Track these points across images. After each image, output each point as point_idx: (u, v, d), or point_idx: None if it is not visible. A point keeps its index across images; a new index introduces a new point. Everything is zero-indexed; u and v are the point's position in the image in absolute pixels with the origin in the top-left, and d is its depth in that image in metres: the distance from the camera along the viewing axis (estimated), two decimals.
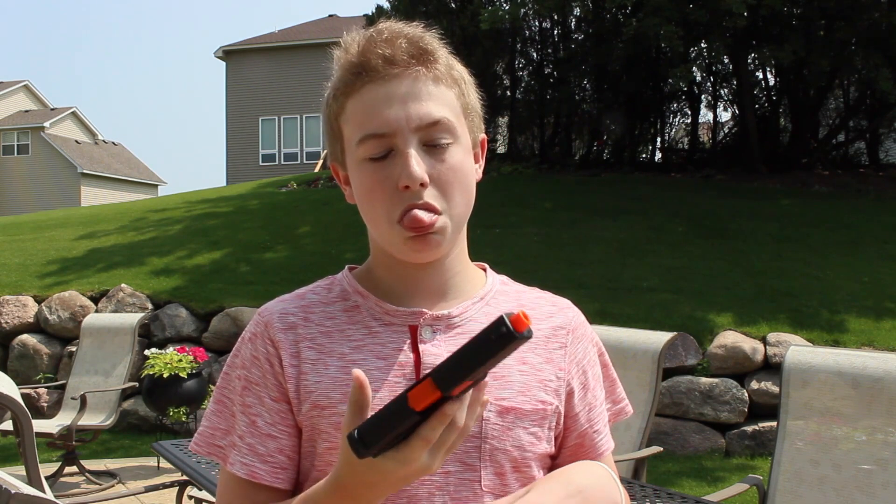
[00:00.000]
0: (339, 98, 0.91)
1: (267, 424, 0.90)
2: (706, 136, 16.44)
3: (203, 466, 2.60)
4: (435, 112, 0.87)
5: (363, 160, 0.88)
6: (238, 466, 0.89)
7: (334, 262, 7.64)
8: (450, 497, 0.87)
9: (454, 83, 0.91)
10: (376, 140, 0.87)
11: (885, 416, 2.48)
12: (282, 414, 0.90)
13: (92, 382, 5.36)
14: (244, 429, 0.90)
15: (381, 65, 0.87)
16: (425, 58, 0.89)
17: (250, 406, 0.90)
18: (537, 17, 14.13)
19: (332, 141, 0.94)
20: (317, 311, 0.93)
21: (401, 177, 0.85)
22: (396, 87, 0.87)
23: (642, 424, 3.34)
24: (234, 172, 25.79)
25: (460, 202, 0.89)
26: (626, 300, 6.69)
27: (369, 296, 0.93)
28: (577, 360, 0.97)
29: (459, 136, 0.90)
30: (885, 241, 8.24)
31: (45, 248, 9.50)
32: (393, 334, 0.91)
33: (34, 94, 37.35)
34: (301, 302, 0.94)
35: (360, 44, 0.89)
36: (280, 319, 0.92)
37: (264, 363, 0.91)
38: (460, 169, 0.89)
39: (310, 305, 0.94)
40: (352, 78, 0.89)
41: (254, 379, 0.91)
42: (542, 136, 15.48)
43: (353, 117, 0.89)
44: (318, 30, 27.04)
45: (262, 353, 0.91)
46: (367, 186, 0.88)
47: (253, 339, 0.93)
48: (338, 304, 0.94)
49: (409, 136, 0.86)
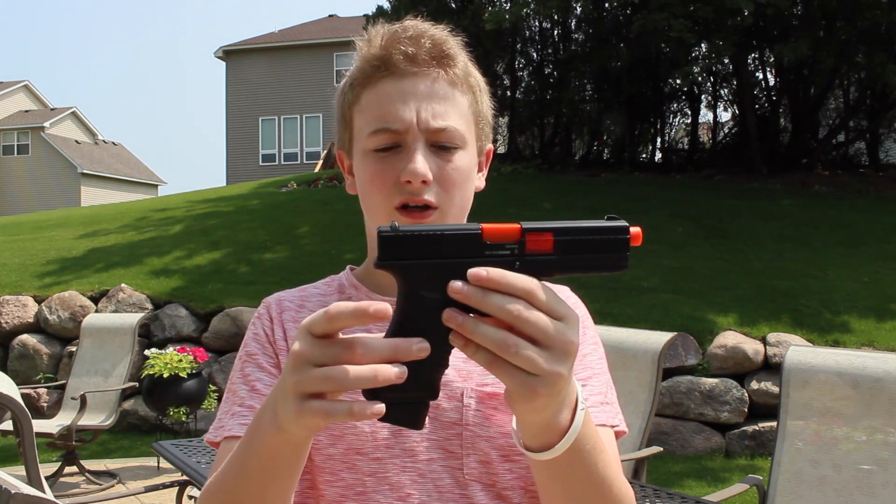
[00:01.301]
0: (356, 88, 0.92)
1: (266, 387, 0.90)
2: (706, 137, 16.44)
3: (203, 466, 2.60)
4: (446, 117, 0.88)
5: (370, 151, 0.90)
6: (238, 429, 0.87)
7: (334, 262, 7.64)
8: (433, 485, 0.87)
9: (469, 90, 0.93)
10: (387, 134, 0.88)
11: (885, 416, 2.48)
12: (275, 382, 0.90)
13: (92, 382, 5.36)
14: (244, 394, 0.91)
15: (402, 61, 0.88)
16: (446, 61, 0.90)
17: (249, 374, 0.92)
18: (538, 17, 14.13)
19: (343, 129, 0.96)
20: (312, 301, 0.97)
21: (404, 171, 0.86)
22: (413, 86, 0.88)
23: (642, 424, 3.34)
24: (234, 172, 25.79)
25: (457, 202, 0.90)
26: (626, 300, 6.69)
27: (361, 287, 0.97)
28: None
29: (467, 142, 0.91)
30: (885, 241, 8.24)
31: (45, 248, 9.50)
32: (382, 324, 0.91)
33: (34, 94, 37.35)
34: (300, 293, 0.99)
35: (384, 38, 0.90)
36: (278, 304, 0.97)
37: (262, 336, 0.95)
38: (462, 172, 0.90)
39: (307, 296, 0.98)
40: (371, 70, 0.90)
41: (252, 351, 0.94)
42: (542, 136, 15.49)
43: (367, 108, 0.90)
44: (318, 30, 27.04)
45: (261, 328, 0.95)
46: (369, 175, 0.90)
47: (253, 322, 0.97)
48: (333, 296, 0.98)
49: (418, 135, 0.87)
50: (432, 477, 0.87)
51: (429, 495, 0.87)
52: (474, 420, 0.88)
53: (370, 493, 0.87)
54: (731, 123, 15.69)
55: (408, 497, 0.87)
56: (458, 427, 0.87)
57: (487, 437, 0.88)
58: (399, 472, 0.87)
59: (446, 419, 0.88)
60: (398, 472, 0.87)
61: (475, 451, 0.87)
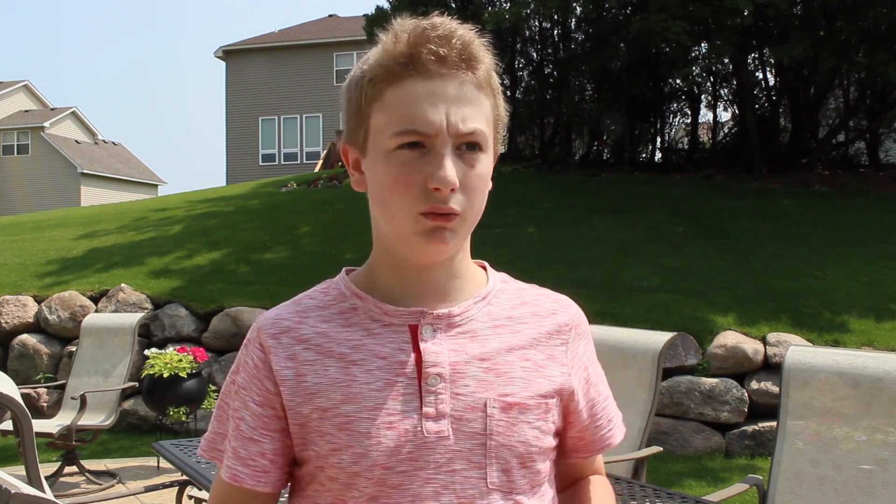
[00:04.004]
0: (378, 84, 0.88)
1: (249, 428, 0.91)
2: (706, 136, 16.43)
3: (203, 466, 2.60)
4: (475, 121, 0.87)
5: (393, 151, 0.87)
6: (224, 470, 0.92)
7: (334, 262, 7.63)
8: (455, 496, 0.87)
9: (492, 93, 0.91)
10: (414, 135, 0.86)
11: (885, 416, 2.48)
12: (264, 419, 0.91)
13: (92, 382, 5.36)
14: (231, 432, 0.93)
15: (433, 61, 0.86)
16: (474, 63, 0.88)
17: (237, 410, 0.92)
18: (538, 17, 14.13)
19: (357, 124, 0.91)
20: (312, 315, 0.93)
21: (432, 177, 0.84)
22: (442, 88, 0.86)
23: (642, 424, 3.34)
24: (234, 172, 25.80)
25: (476, 208, 0.90)
26: (626, 300, 6.69)
27: (367, 297, 0.92)
28: (578, 355, 0.98)
29: (489, 146, 0.90)
30: (885, 241, 8.24)
31: (45, 248, 9.49)
32: (393, 334, 0.91)
33: (34, 94, 37.34)
34: (296, 307, 0.94)
35: (412, 34, 0.87)
36: (273, 325, 0.92)
37: (251, 368, 0.92)
38: (483, 179, 0.89)
39: (305, 310, 0.94)
40: (398, 68, 0.87)
41: (241, 382, 0.93)
42: (542, 136, 15.49)
43: (391, 107, 0.87)
44: (318, 30, 27.05)
45: (251, 358, 0.92)
46: (392, 177, 0.87)
47: (246, 345, 0.94)
48: (334, 306, 0.94)
49: (447, 139, 0.86)
50: (455, 488, 0.88)
51: None
52: (498, 429, 0.88)
53: None
54: (731, 123, 15.69)
55: None
56: (483, 437, 0.88)
57: (509, 446, 0.89)
58: (422, 483, 0.87)
59: (470, 430, 0.88)
60: (421, 483, 0.87)
61: (498, 460, 0.89)
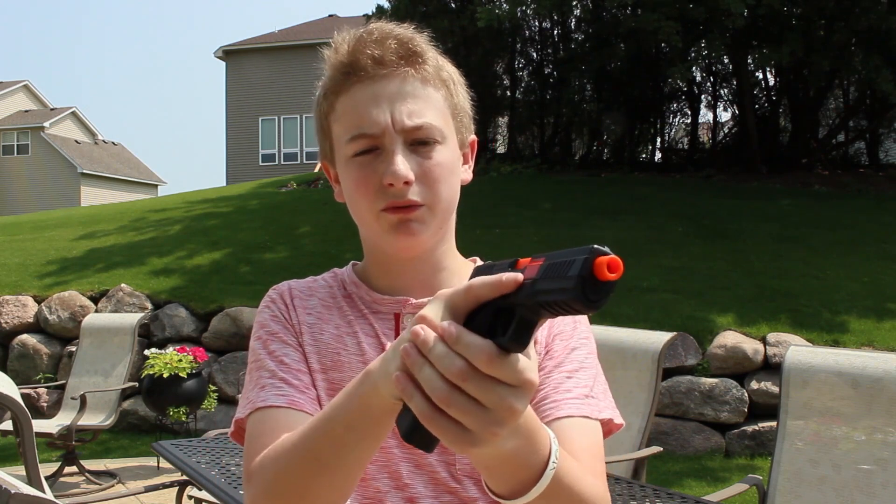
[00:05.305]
0: (329, 97, 0.93)
1: (295, 361, 0.93)
2: (706, 136, 16.43)
3: (203, 466, 2.59)
4: (420, 115, 0.89)
5: (351, 157, 0.90)
6: (274, 398, 0.88)
7: (334, 261, 7.59)
8: (430, 477, 0.89)
9: (442, 84, 0.93)
10: (365, 139, 0.89)
11: (885, 416, 2.48)
12: (302, 360, 0.94)
13: (92, 382, 5.36)
14: (274, 367, 0.91)
15: (371, 65, 0.89)
16: (414, 59, 0.90)
17: (275, 351, 0.93)
18: (537, 17, 14.14)
19: (323, 139, 0.97)
20: (319, 291, 1.00)
21: (385, 174, 0.87)
22: (384, 88, 0.89)
23: (642, 424, 3.34)
24: (234, 172, 25.79)
25: (444, 197, 0.91)
26: (625, 300, 6.68)
27: (361, 286, 0.98)
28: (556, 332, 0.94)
29: (446, 136, 0.91)
30: (885, 241, 8.24)
31: (45, 248, 9.49)
32: (380, 321, 0.95)
33: (34, 94, 37.35)
34: (306, 283, 1.01)
35: (350, 44, 0.91)
36: (289, 291, 1.00)
37: (282, 318, 0.96)
38: (444, 167, 0.90)
39: (315, 287, 1.01)
40: (341, 77, 0.91)
41: (275, 330, 0.95)
42: (542, 136, 15.49)
43: (342, 116, 0.91)
44: (318, 30, 27.03)
45: (280, 311, 0.97)
46: (354, 182, 0.91)
47: (269, 305, 0.98)
48: (336, 290, 1.00)
49: (395, 136, 0.88)
50: (429, 469, 0.89)
51: (425, 486, 0.89)
52: None
53: (370, 479, 0.89)
54: (731, 123, 15.68)
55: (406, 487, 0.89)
56: None
57: None
58: (399, 461, 0.89)
59: None
60: (398, 461, 0.89)
61: None
